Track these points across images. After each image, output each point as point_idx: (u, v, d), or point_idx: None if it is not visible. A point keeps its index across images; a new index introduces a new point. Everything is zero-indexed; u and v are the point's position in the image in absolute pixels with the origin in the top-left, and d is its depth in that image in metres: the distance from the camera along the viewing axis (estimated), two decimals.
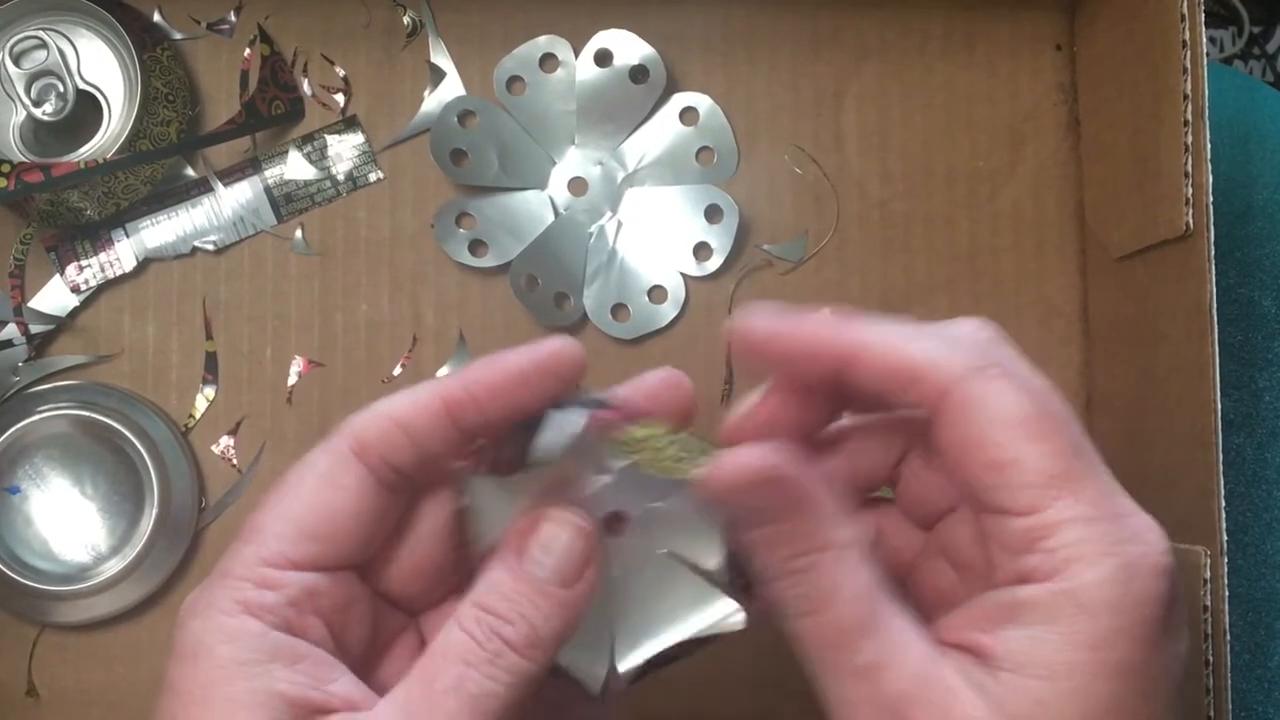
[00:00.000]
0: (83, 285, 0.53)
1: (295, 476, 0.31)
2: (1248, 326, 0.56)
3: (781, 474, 0.30)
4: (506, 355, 0.32)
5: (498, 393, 0.31)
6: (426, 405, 0.31)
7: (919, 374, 0.30)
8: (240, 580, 0.30)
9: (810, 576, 0.30)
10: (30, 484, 0.51)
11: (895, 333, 0.31)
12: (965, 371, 0.30)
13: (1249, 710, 0.54)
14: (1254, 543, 0.55)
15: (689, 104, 0.54)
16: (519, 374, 0.31)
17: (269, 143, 0.54)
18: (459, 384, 0.32)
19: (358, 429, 0.31)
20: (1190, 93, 0.44)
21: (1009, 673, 0.28)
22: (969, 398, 0.29)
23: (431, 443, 0.32)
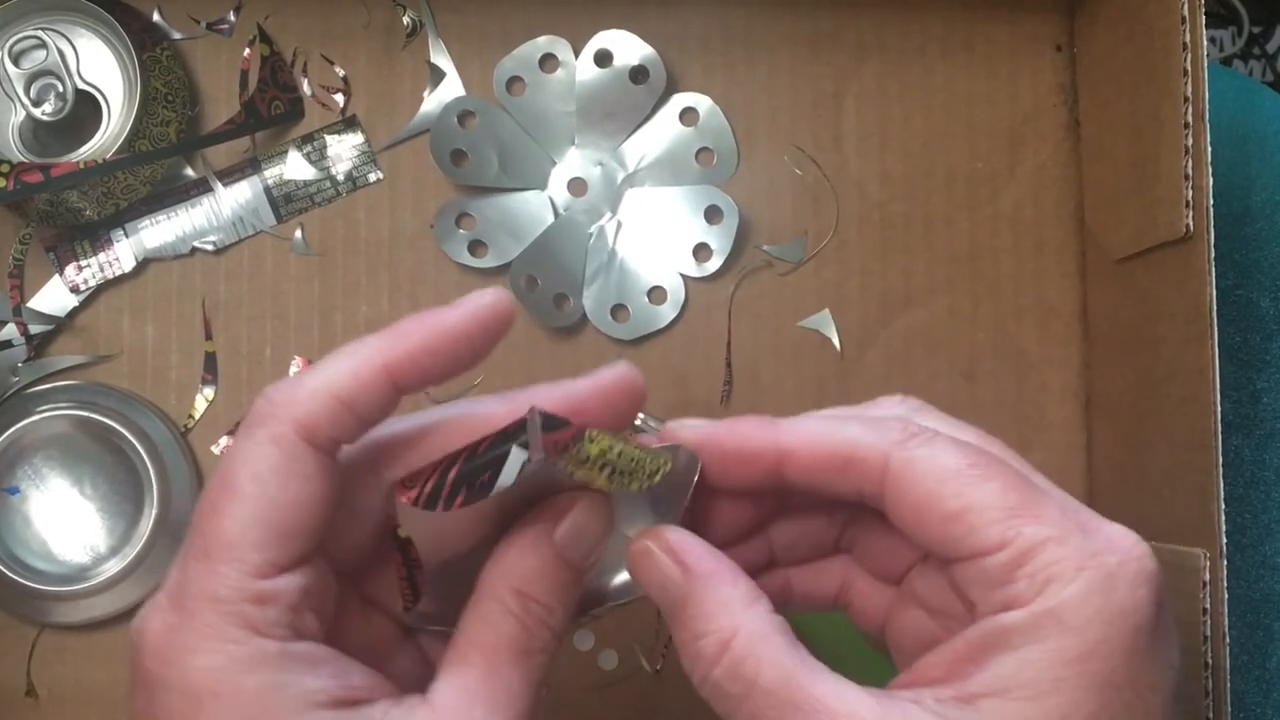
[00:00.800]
0: (82, 285, 0.53)
1: (246, 476, 0.29)
2: (1246, 328, 0.56)
3: (679, 549, 0.31)
4: (443, 315, 0.31)
5: (439, 355, 0.31)
6: (370, 378, 0.30)
7: (854, 456, 0.31)
8: (234, 603, 0.28)
9: (714, 664, 0.30)
10: (29, 484, 0.51)
11: (823, 424, 0.32)
12: (896, 443, 0.31)
13: (1248, 711, 0.54)
14: (1253, 544, 0.55)
15: (689, 104, 0.54)
16: (462, 335, 0.31)
17: (268, 143, 0.54)
18: (402, 350, 0.30)
19: (302, 413, 0.29)
20: (1190, 95, 0.44)
21: (991, 698, 0.28)
22: (907, 464, 0.30)
23: (375, 413, 0.30)
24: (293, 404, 0.29)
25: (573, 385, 0.32)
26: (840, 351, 0.54)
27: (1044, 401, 0.54)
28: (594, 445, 0.30)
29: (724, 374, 0.54)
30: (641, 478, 0.31)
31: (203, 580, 0.28)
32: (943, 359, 0.54)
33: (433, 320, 0.31)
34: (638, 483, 0.31)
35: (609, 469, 0.30)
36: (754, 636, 0.29)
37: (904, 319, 0.54)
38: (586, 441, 0.30)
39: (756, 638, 0.29)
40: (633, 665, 0.52)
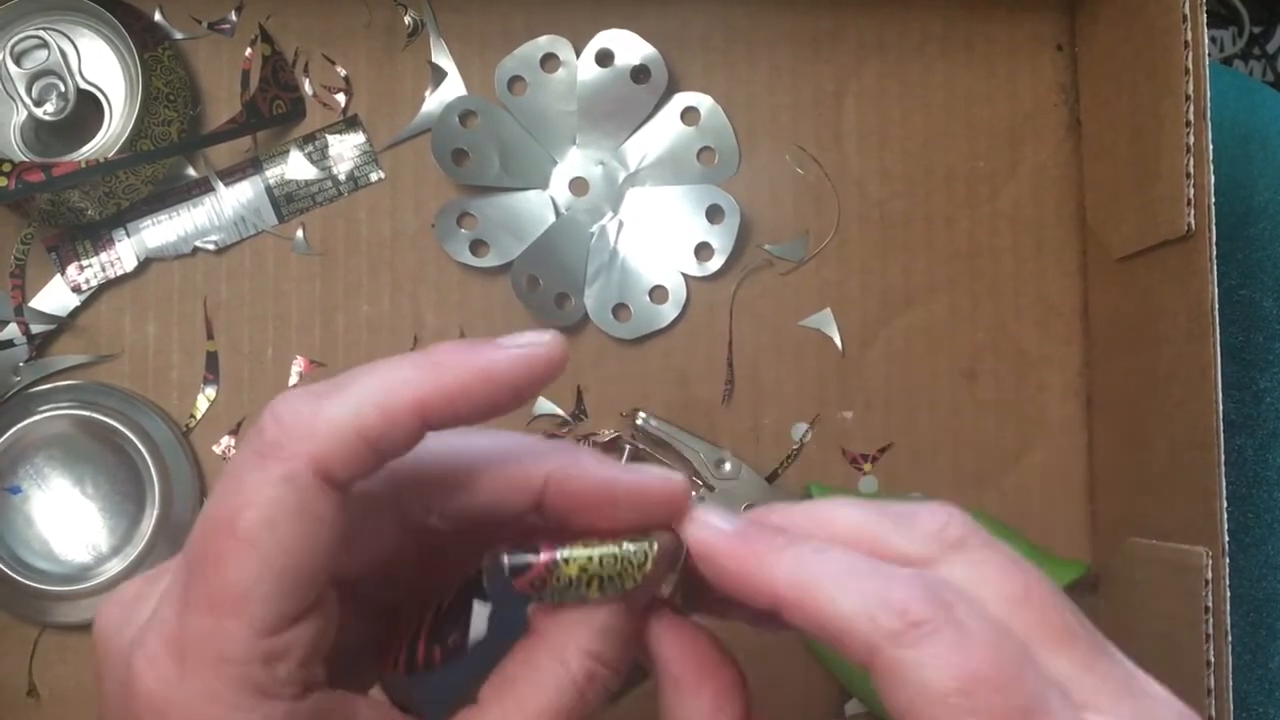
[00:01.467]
0: (84, 285, 0.53)
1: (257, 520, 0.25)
2: (1249, 327, 0.56)
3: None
4: (491, 356, 0.27)
5: (481, 402, 0.27)
6: (400, 415, 0.26)
7: (843, 636, 0.27)
8: (242, 664, 0.25)
9: None
10: (31, 484, 0.51)
11: (828, 581, 0.27)
12: (888, 635, 0.26)
13: (1250, 711, 0.54)
14: (1255, 543, 0.55)
15: (690, 104, 0.54)
16: (508, 383, 0.27)
17: (270, 142, 0.54)
18: (439, 388, 0.26)
19: (320, 449, 0.25)
20: (1192, 93, 0.44)
21: None
22: (893, 666, 0.26)
23: (400, 450, 0.27)
24: (310, 436, 0.25)
25: (614, 475, 0.28)
26: (841, 350, 0.54)
27: (1044, 400, 0.54)
28: (571, 566, 0.28)
29: (725, 373, 0.54)
30: (632, 573, 0.28)
31: (208, 637, 0.25)
32: (943, 358, 0.54)
33: (477, 360, 0.27)
34: (630, 580, 0.28)
35: (595, 581, 0.28)
36: None
37: (905, 318, 0.54)
38: (562, 565, 0.27)
39: None
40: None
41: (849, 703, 0.53)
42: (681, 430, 0.53)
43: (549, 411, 0.54)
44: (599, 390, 0.54)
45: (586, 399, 0.54)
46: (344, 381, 0.26)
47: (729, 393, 0.54)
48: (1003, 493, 0.54)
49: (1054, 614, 0.26)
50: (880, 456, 0.54)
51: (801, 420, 0.54)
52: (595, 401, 0.54)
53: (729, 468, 0.52)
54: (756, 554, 0.28)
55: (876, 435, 0.54)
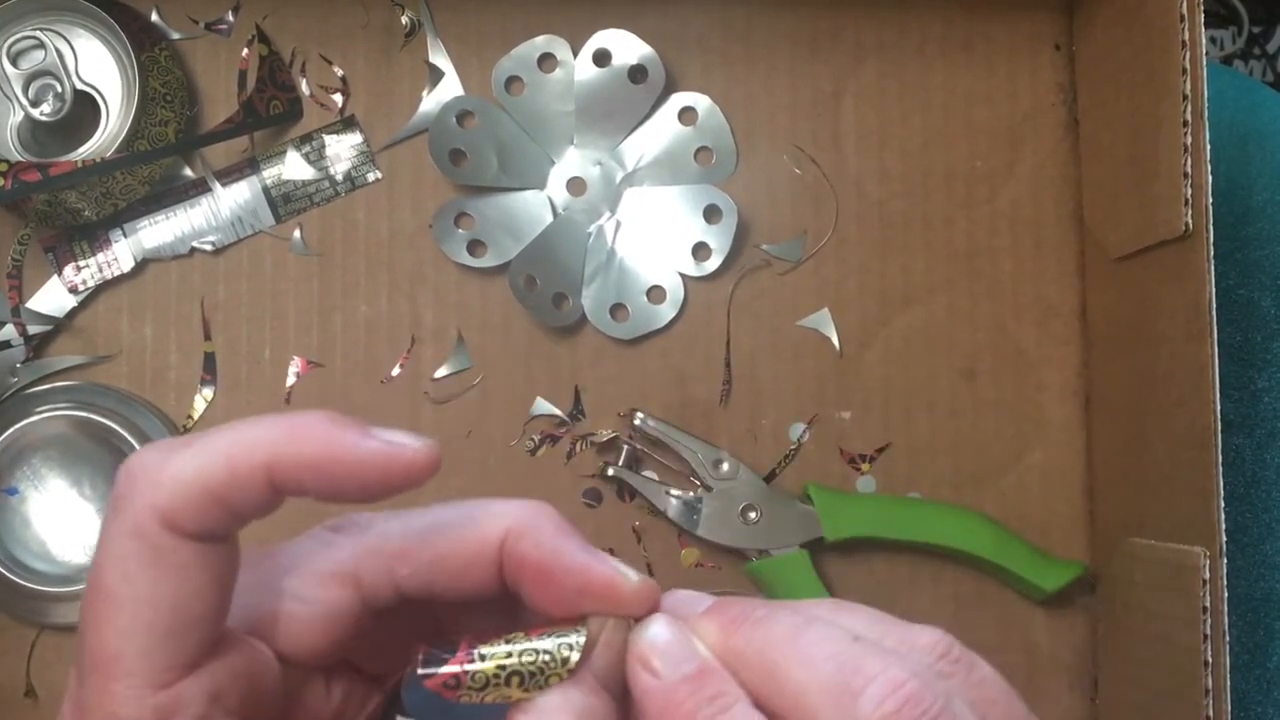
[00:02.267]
0: (81, 286, 0.53)
1: (116, 576, 0.25)
2: (1247, 327, 0.56)
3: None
4: (354, 442, 0.26)
5: (331, 483, 0.26)
6: (246, 474, 0.25)
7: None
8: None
9: None
10: (28, 485, 0.51)
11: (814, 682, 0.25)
12: None
13: (1248, 710, 0.54)
14: (1253, 543, 0.55)
15: (688, 104, 0.54)
16: (359, 475, 0.26)
17: (267, 143, 0.54)
18: (291, 456, 0.25)
19: (164, 501, 0.25)
20: (1189, 93, 0.44)
21: None
22: None
23: (251, 509, 0.26)
24: (155, 488, 0.25)
25: (560, 550, 0.27)
26: (839, 350, 0.54)
27: (1043, 400, 0.54)
28: (489, 662, 0.27)
29: (723, 373, 0.54)
30: (557, 670, 0.27)
31: (98, 699, 0.25)
32: (942, 358, 0.54)
33: (336, 441, 0.26)
34: (555, 677, 0.27)
35: (516, 679, 0.27)
36: None
37: (903, 318, 0.54)
38: (478, 661, 0.27)
39: None
40: None
41: None
42: (679, 430, 0.53)
43: (547, 412, 0.54)
44: (596, 390, 0.54)
45: (584, 399, 0.54)
46: (202, 436, 0.26)
47: (727, 393, 0.54)
48: (1001, 493, 0.54)
49: None
50: (878, 457, 0.54)
51: (799, 420, 0.54)
52: (593, 402, 0.54)
53: (727, 468, 0.52)
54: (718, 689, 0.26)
55: (875, 435, 0.54)
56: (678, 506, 0.52)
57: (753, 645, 0.26)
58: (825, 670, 0.25)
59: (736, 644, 0.27)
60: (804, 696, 0.25)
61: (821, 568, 0.52)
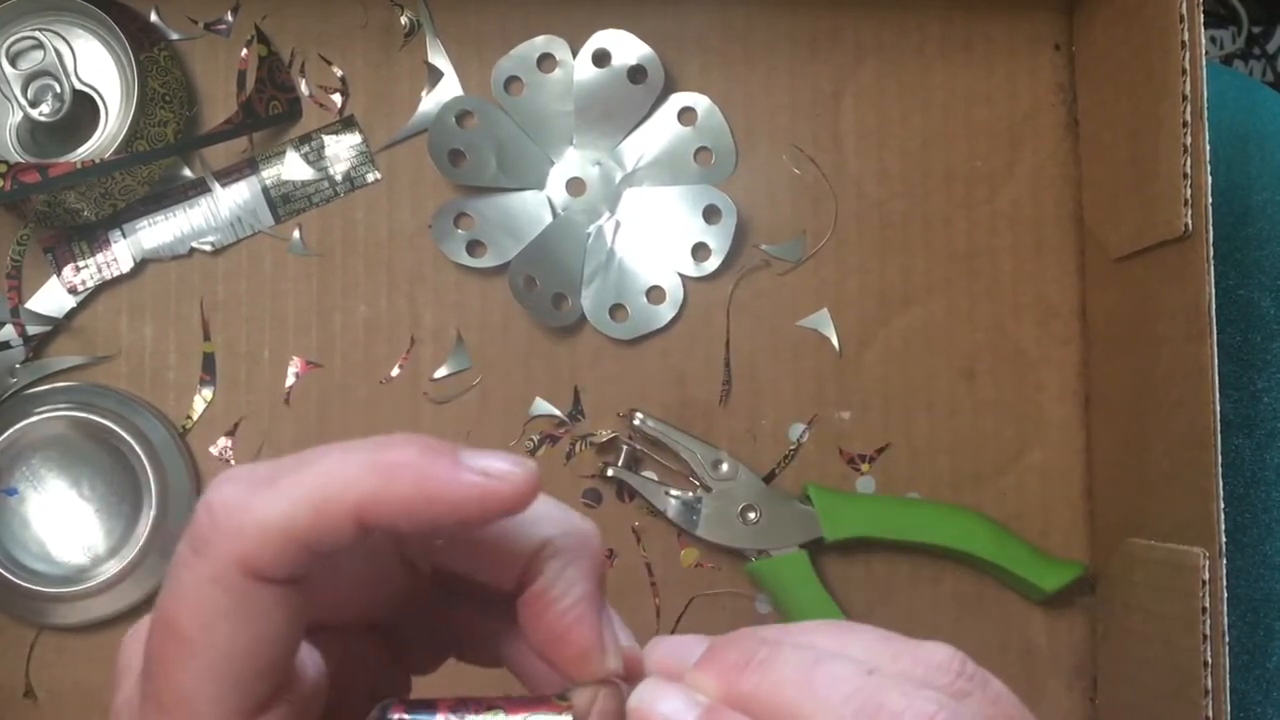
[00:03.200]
0: (80, 286, 0.53)
1: (193, 623, 0.24)
2: (1247, 327, 0.56)
3: None
4: (445, 474, 0.25)
5: (421, 522, 0.25)
6: (336, 519, 0.24)
7: None
8: None
9: None
10: (28, 486, 0.51)
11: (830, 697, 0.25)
12: None
13: (1248, 711, 0.54)
14: (1253, 544, 0.55)
15: (687, 104, 0.54)
16: (453, 514, 0.25)
17: (266, 143, 0.54)
18: (383, 498, 0.24)
19: (250, 551, 0.24)
20: (1189, 94, 0.44)
21: None
22: None
23: (335, 550, 0.25)
24: (238, 536, 0.24)
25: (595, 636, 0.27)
26: (839, 350, 0.54)
27: (1043, 400, 0.54)
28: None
29: (722, 373, 0.54)
30: None
31: None
32: (941, 358, 0.54)
33: (433, 479, 0.24)
34: None
35: None
36: None
37: (903, 318, 0.54)
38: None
39: None
40: None
41: None
42: (678, 431, 0.53)
43: (546, 412, 0.54)
44: (596, 390, 0.54)
45: (584, 399, 0.54)
46: (286, 469, 0.25)
47: (726, 393, 0.54)
48: (1000, 493, 0.54)
49: None
50: (878, 457, 0.54)
51: (799, 420, 0.54)
52: (592, 402, 0.54)
53: (726, 468, 0.52)
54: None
55: (874, 435, 0.54)
56: (677, 507, 0.52)
57: (761, 691, 0.25)
58: (847, 713, 0.24)
59: (743, 691, 0.25)
60: None
61: (821, 568, 0.52)
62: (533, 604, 0.27)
